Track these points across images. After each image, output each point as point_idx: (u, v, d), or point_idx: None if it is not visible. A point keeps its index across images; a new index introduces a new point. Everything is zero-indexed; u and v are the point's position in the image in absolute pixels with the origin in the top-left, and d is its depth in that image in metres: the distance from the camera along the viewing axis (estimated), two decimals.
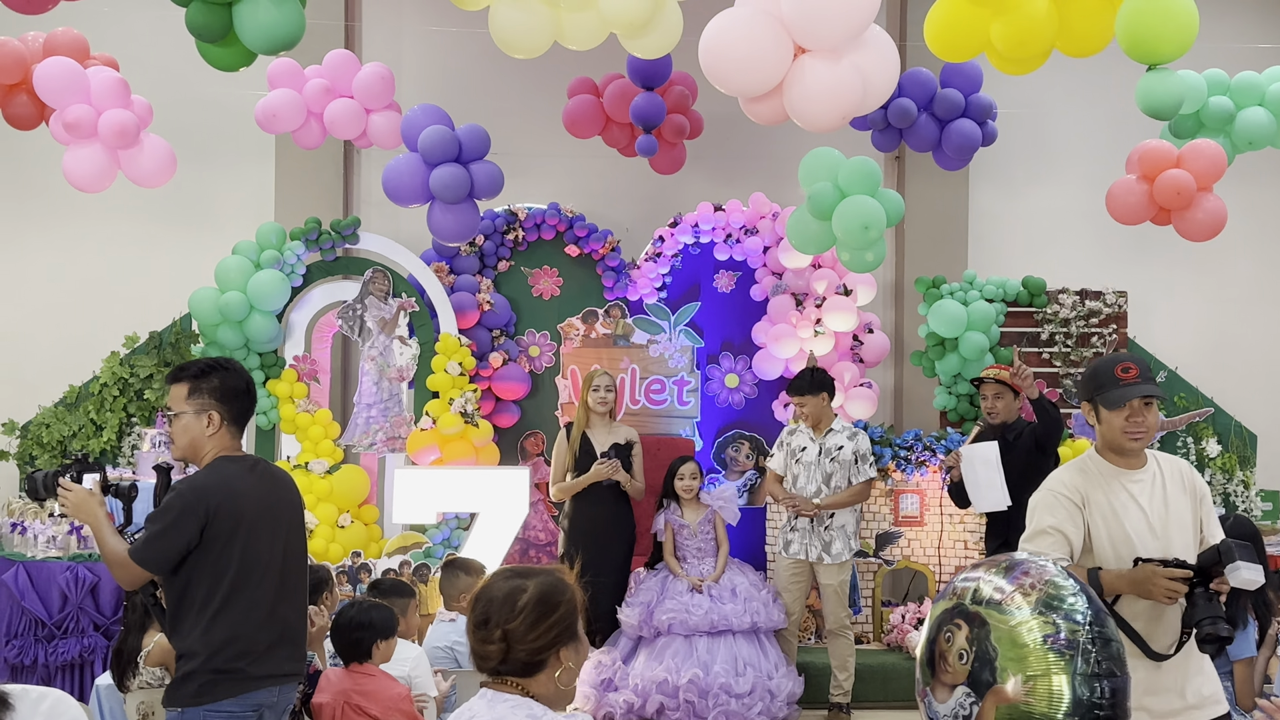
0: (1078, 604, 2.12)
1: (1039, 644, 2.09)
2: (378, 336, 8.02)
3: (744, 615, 6.74)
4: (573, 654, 2.71)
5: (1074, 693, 2.06)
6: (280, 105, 7.17)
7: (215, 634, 3.68)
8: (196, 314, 7.71)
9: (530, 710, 2.61)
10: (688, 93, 7.93)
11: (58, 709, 3.74)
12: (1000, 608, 2.14)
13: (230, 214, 8.62)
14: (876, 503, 7.80)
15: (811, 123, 5.17)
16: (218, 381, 3.80)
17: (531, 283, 8.47)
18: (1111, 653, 2.10)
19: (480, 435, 7.83)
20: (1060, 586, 2.15)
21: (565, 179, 8.84)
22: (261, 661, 3.74)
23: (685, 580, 6.88)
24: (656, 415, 8.45)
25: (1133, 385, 3.51)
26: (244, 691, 3.71)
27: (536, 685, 2.68)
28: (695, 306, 8.52)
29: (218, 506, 3.68)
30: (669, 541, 7.02)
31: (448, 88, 8.56)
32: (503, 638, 2.62)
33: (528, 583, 2.69)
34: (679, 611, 6.70)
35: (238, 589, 3.71)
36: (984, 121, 7.69)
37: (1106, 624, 2.12)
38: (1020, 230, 9.15)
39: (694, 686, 6.48)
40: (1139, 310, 8.70)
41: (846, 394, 8.23)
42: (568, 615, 2.70)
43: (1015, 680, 2.09)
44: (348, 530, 7.71)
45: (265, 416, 7.88)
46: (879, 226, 6.77)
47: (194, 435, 3.79)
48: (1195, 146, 6.86)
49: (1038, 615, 2.11)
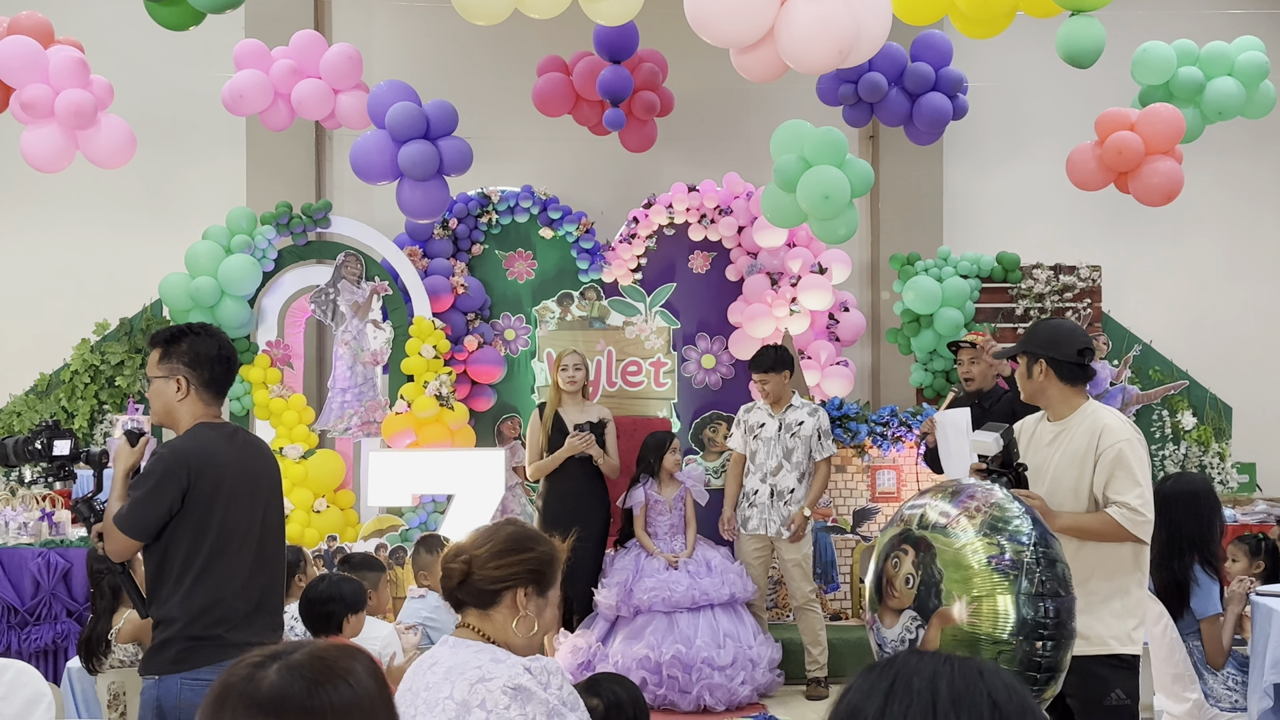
0: (1023, 526, 2.12)
1: (984, 565, 2.09)
2: (351, 321, 8.00)
3: (722, 588, 6.78)
4: (533, 605, 2.73)
5: (1018, 612, 2.06)
6: (247, 86, 7.15)
7: (194, 600, 3.64)
8: (167, 300, 7.68)
9: (494, 654, 2.62)
10: (657, 69, 7.92)
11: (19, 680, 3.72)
12: (946, 531, 2.14)
13: (201, 199, 8.58)
14: (854, 479, 7.80)
15: (806, 64, 5.14)
16: (187, 346, 3.76)
17: (506, 265, 8.45)
18: (1056, 573, 2.10)
19: (456, 418, 7.81)
20: (1005, 509, 2.15)
21: (538, 161, 8.82)
22: (240, 629, 3.70)
23: (660, 558, 6.88)
24: (633, 397, 8.44)
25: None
26: (222, 659, 3.62)
27: (493, 627, 2.69)
28: (671, 288, 8.51)
29: (199, 471, 3.64)
30: (641, 517, 7.03)
31: (418, 69, 8.52)
32: (466, 561, 2.70)
33: (510, 526, 2.81)
34: (660, 589, 6.71)
35: (217, 555, 3.67)
36: (955, 95, 7.69)
37: (1052, 545, 2.12)
38: (994, 206, 9.17)
39: (677, 662, 6.50)
40: (1113, 285, 8.72)
41: (823, 372, 8.23)
42: (535, 563, 2.73)
43: (960, 602, 2.09)
44: (324, 515, 7.69)
45: (239, 402, 7.85)
46: (840, 195, 6.76)
47: (166, 400, 3.76)
48: (1152, 110, 6.90)
49: (982, 537, 2.11)
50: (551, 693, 2.56)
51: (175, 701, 3.63)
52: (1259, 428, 8.87)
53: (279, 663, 1.56)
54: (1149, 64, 7.22)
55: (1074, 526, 3.64)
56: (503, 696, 2.50)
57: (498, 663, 2.59)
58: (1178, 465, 8.43)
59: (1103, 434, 3.86)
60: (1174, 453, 8.44)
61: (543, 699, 2.52)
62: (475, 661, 2.59)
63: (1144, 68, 7.26)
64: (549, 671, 2.60)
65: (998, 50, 8.41)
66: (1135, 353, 8.54)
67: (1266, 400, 9.08)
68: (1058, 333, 4.10)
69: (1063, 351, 3.99)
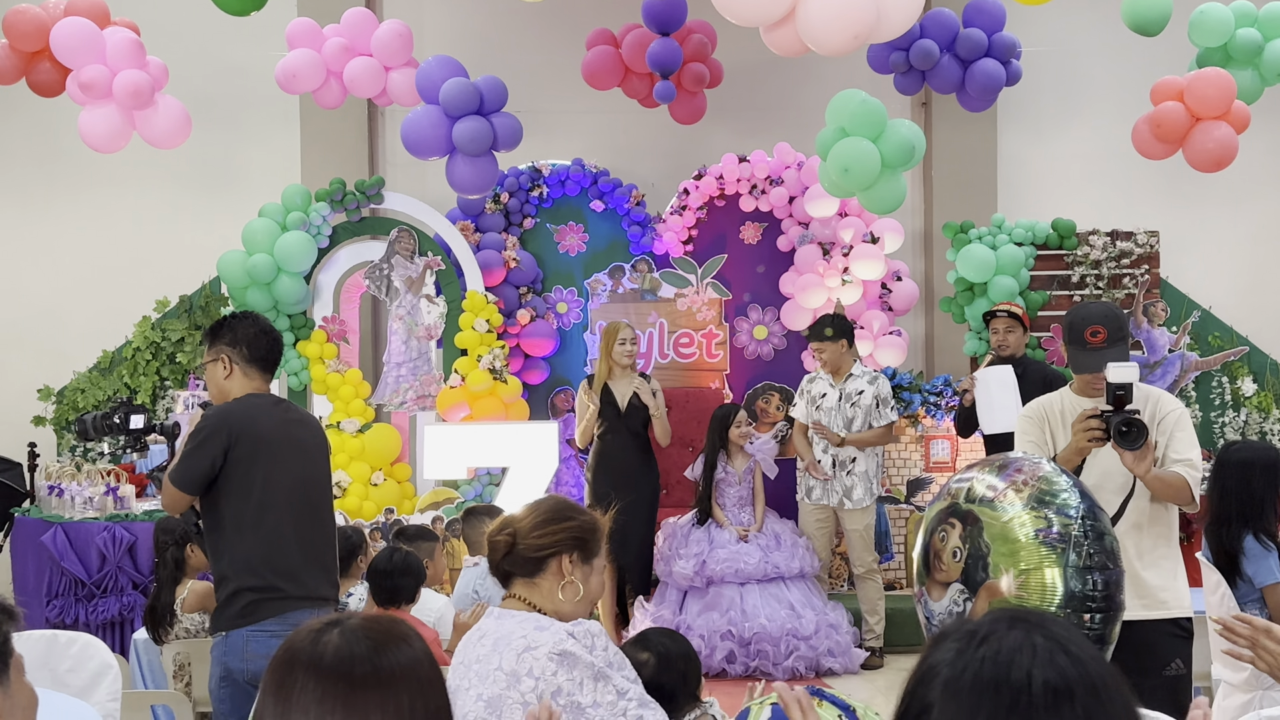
0: (1070, 499, 2.11)
1: (1031, 538, 2.08)
2: (405, 295, 8.06)
3: (793, 561, 6.86)
4: (579, 571, 2.78)
5: (1066, 585, 2.06)
6: (299, 65, 7.21)
7: (246, 554, 3.91)
8: (225, 277, 7.78)
9: (538, 622, 2.66)
10: (706, 40, 7.88)
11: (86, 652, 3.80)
12: (993, 505, 2.14)
13: (256, 177, 8.67)
14: (907, 449, 7.77)
15: (823, 45, 5.13)
16: (227, 329, 4.10)
17: (557, 239, 8.47)
18: (1104, 546, 2.09)
19: (509, 392, 7.86)
20: (1053, 482, 2.14)
21: (589, 135, 8.82)
22: (298, 581, 3.95)
23: (731, 530, 6.92)
24: (685, 369, 8.45)
25: (1098, 352, 3.67)
26: (284, 611, 3.90)
27: (540, 595, 2.75)
28: (722, 259, 8.48)
29: (240, 430, 3.91)
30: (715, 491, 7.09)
31: (468, 45, 8.54)
32: (511, 533, 2.79)
33: (552, 498, 2.95)
34: (732, 560, 6.80)
35: (264, 510, 3.92)
36: (1008, 61, 7.59)
37: (1100, 518, 2.11)
38: (1049, 172, 9.04)
39: (765, 636, 6.57)
40: (1171, 250, 8.57)
41: (876, 342, 8.19)
42: (578, 530, 2.82)
43: (1008, 575, 2.08)
44: (381, 488, 7.78)
45: (296, 378, 7.95)
46: (862, 169, 6.68)
47: (217, 381, 4.08)
48: (1201, 75, 6.78)
49: (1030, 510, 2.10)
50: (597, 655, 2.60)
51: (242, 654, 3.86)
52: None
53: (339, 628, 1.62)
54: (1206, 26, 7.08)
55: (1158, 478, 3.64)
56: (549, 663, 2.55)
57: (541, 630, 2.63)
58: (1237, 432, 8.31)
59: (1160, 400, 3.85)
60: (1234, 420, 8.33)
61: (588, 662, 2.56)
62: (520, 631, 2.65)
63: (1201, 30, 7.12)
64: (593, 634, 2.64)
65: (1051, 14, 8.28)
66: (1194, 319, 8.42)
67: None
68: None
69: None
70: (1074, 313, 3.82)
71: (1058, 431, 3.82)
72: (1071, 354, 3.77)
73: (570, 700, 2.52)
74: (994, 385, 6.38)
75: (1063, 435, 3.79)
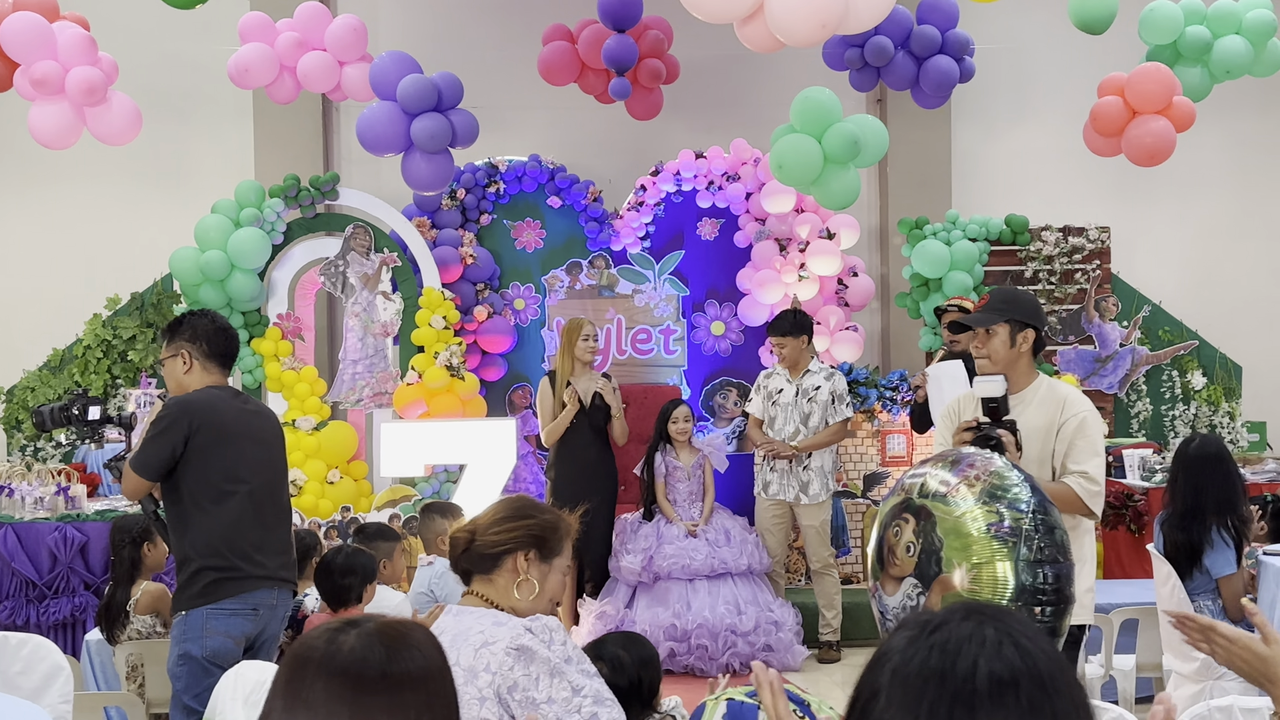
0: (1021, 494, 2.14)
1: (983, 533, 2.10)
2: (361, 292, 8.02)
3: (740, 558, 6.84)
4: (535, 570, 2.78)
5: (1017, 579, 2.08)
6: (252, 60, 7.14)
7: (210, 535, 4.05)
8: (177, 274, 7.71)
9: (495, 618, 2.67)
10: (663, 37, 7.89)
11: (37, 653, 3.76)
12: (946, 500, 2.16)
13: (209, 173, 8.60)
14: (863, 443, 7.82)
15: (792, 36, 5.14)
16: (185, 325, 4.24)
17: (514, 235, 8.46)
18: (1055, 540, 2.11)
19: (467, 389, 7.84)
20: (1004, 477, 2.16)
21: (545, 130, 8.81)
22: (256, 562, 4.10)
23: (680, 526, 6.92)
24: (643, 365, 8.46)
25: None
26: (243, 591, 4.06)
27: (496, 591, 2.75)
28: (679, 255, 8.51)
29: (202, 420, 4.07)
30: (662, 485, 7.06)
31: (423, 40, 8.51)
32: (470, 530, 2.81)
33: (517, 498, 2.96)
34: (679, 556, 6.79)
35: (225, 494, 4.08)
36: (961, 58, 7.65)
37: (1050, 512, 2.14)
38: (1002, 168, 9.13)
39: (704, 630, 6.56)
40: (1122, 245, 8.69)
41: (832, 337, 8.24)
42: (536, 528, 2.81)
43: (960, 569, 2.11)
44: (337, 486, 7.74)
45: (251, 375, 7.89)
46: (797, 166, 6.75)
47: (176, 376, 4.22)
48: (1142, 70, 6.89)
49: (982, 505, 2.12)
50: (554, 650, 2.61)
51: (201, 632, 3.99)
52: (1269, 387, 8.86)
53: (356, 630, 1.62)
54: (1156, 23, 7.17)
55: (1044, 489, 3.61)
56: (506, 658, 2.55)
57: (499, 625, 2.63)
58: (1188, 426, 8.43)
59: (1065, 404, 3.82)
60: (1184, 413, 8.44)
61: (545, 657, 2.57)
62: (478, 627, 2.65)
63: (1151, 27, 7.20)
64: (550, 630, 2.64)
65: (1004, 12, 8.38)
66: (1145, 313, 8.53)
67: (1276, 359, 9.07)
68: (1034, 303, 4.03)
69: (1042, 321, 3.95)
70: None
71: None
72: None
73: (525, 695, 2.53)
74: (945, 381, 6.41)
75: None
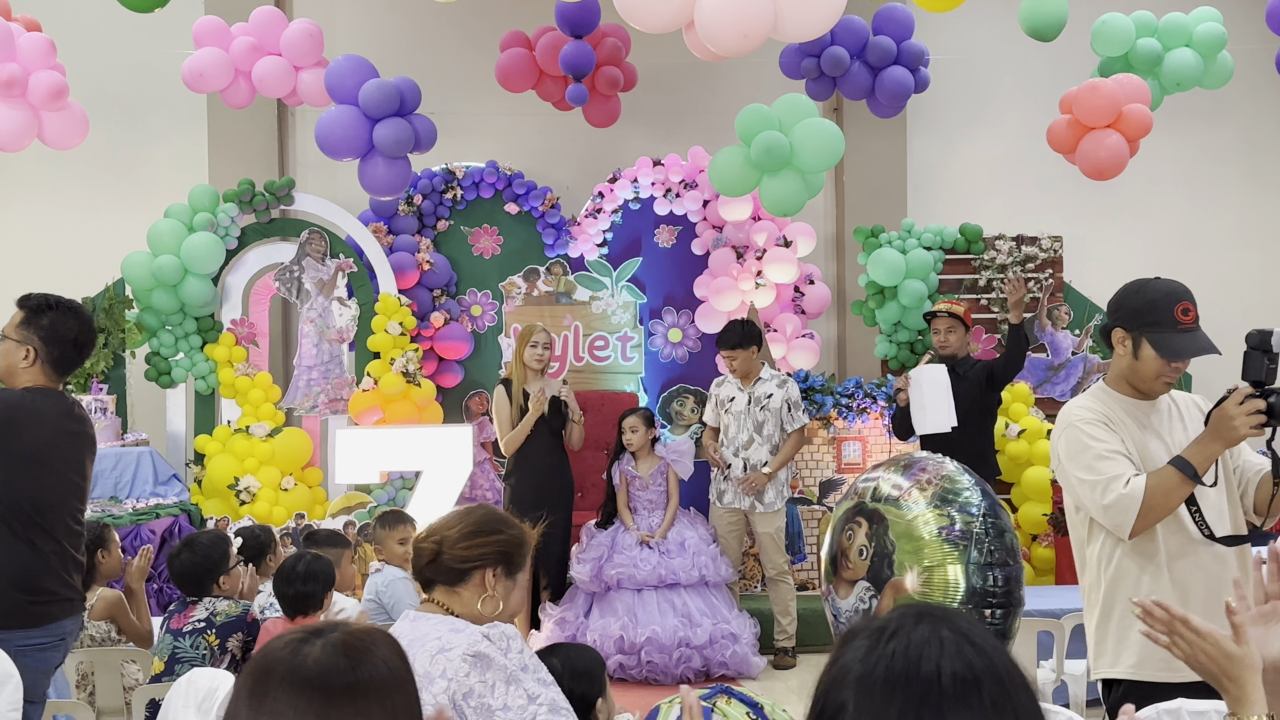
0: (972, 497, 2.17)
1: (934, 536, 2.13)
2: (316, 298, 7.99)
3: (692, 569, 6.79)
4: (501, 586, 2.77)
5: (968, 581, 2.11)
6: (207, 64, 7.11)
7: (17, 559, 3.78)
8: (130, 279, 7.66)
9: (452, 625, 2.66)
10: (620, 44, 7.92)
11: None
12: (898, 503, 2.19)
13: (163, 177, 8.54)
14: (819, 450, 7.86)
15: (719, 45, 5.19)
16: (48, 321, 3.91)
17: (471, 241, 8.45)
18: (1005, 543, 2.15)
19: (423, 395, 7.82)
20: (956, 481, 2.19)
21: (503, 137, 8.81)
22: (65, 586, 3.87)
23: (634, 535, 6.91)
24: (601, 372, 8.48)
25: (1192, 334, 3.20)
26: (50, 621, 3.83)
27: (459, 603, 2.75)
28: (637, 262, 8.53)
29: (23, 425, 3.81)
30: (623, 493, 7.06)
31: (380, 45, 8.49)
32: (437, 541, 2.77)
33: (481, 509, 2.89)
34: (627, 566, 6.76)
35: (38, 512, 3.81)
36: (917, 68, 7.73)
37: (1000, 515, 2.17)
38: (957, 178, 9.22)
39: (653, 645, 6.54)
40: (1074, 255, 8.80)
41: (789, 345, 8.28)
42: (504, 544, 2.80)
43: (912, 572, 2.13)
44: (291, 493, 7.70)
45: (204, 381, 7.84)
46: (731, 177, 6.91)
47: (11, 362, 3.92)
48: (1090, 85, 7.00)
49: (933, 509, 2.15)
50: (511, 658, 2.61)
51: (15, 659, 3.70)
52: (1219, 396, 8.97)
53: (321, 640, 1.60)
54: (1108, 35, 7.28)
55: None
56: (463, 665, 2.55)
57: (456, 632, 2.63)
58: None
59: (1197, 400, 3.44)
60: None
61: (501, 664, 2.57)
62: (435, 633, 2.64)
63: (1103, 39, 7.31)
64: (508, 637, 2.65)
65: (959, 23, 8.47)
66: (1097, 322, 8.63)
67: (1226, 369, 9.09)
68: (1140, 296, 3.40)
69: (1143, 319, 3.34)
70: (1144, 290, 3.27)
71: (1123, 425, 3.23)
72: (1154, 338, 3.17)
73: (481, 702, 2.53)
74: (926, 385, 6.40)
75: (1130, 424, 3.23)
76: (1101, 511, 3.04)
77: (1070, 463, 3.14)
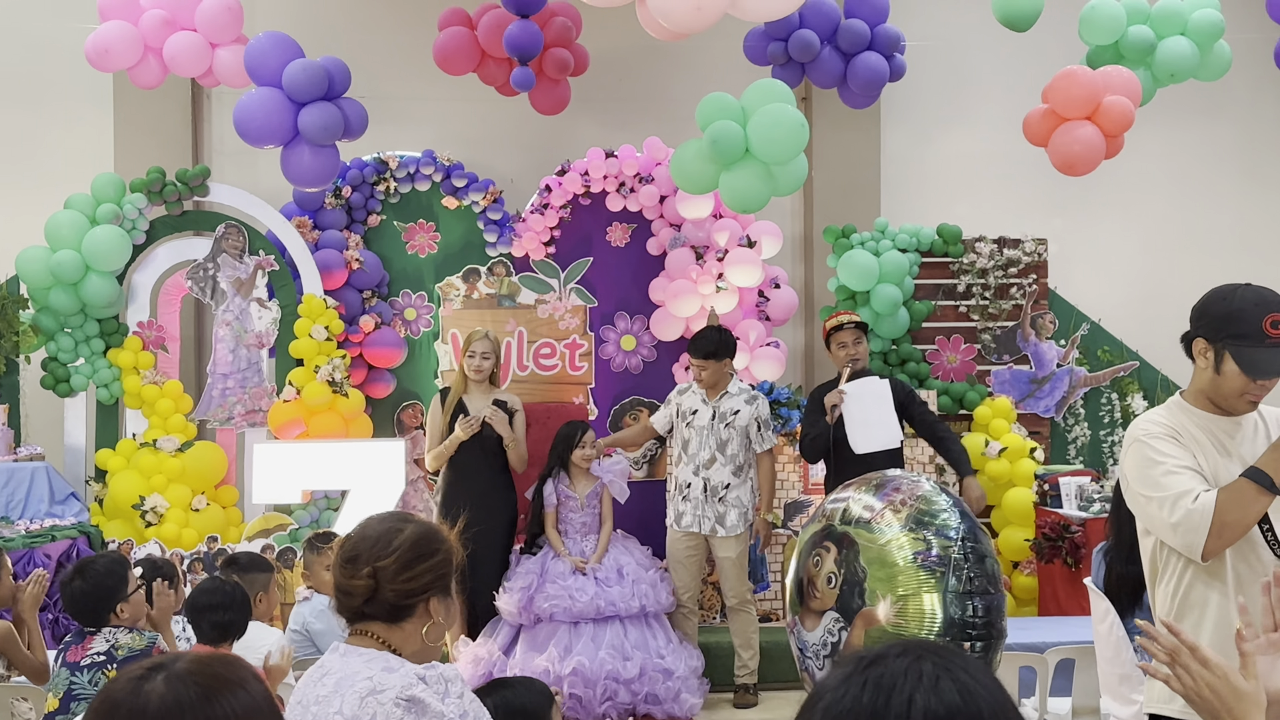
0: (950, 519, 2.17)
1: (909, 561, 2.13)
2: (233, 299, 7.92)
3: (631, 599, 6.77)
4: (443, 609, 2.74)
5: (946, 612, 2.11)
6: (113, 39, 7.04)
7: None
8: (25, 276, 7.57)
9: (386, 662, 2.62)
10: (570, 24, 7.91)
11: None
12: (870, 526, 2.18)
13: (63, 164, 8.44)
14: (785, 469, 7.88)
15: (671, 20, 5.20)
16: None
17: (405, 238, 8.41)
18: (986, 569, 2.15)
19: (351, 406, 7.77)
20: (932, 502, 2.19)
21: (441, 124, 8.79)
22: None
23: (567, 561, 6.87)
24: (547, 382, 8.43)
25: None
26: None
27: (401, 637, 2.70)
28: (587, 263, 8.50)
29: None
30: (552, 515, 7.02)
31: (305, 21, 8.43)
32: (371, 574, 2.67)
33: (406, 525, 2.76)
34: (562, 597, 6.70)
35: None
36: (891, 55, 7.78)
37: (981, 539, 2.17)
38: (935, 174, 9.28)
39: (579, 678, 6.48)
40: (1060, 259, 8.88)
41: (753, 354, 8.29)
42: (443, 565, 2.75)
43: (885, 602, 2.13)
44: (203, 513, 7.63)
45: (107, 389, 7.75)
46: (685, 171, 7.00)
47: None
48: (1067, 73, 7.07)
49: (908, 532, 2.15)
50: (450, 703, 2.58)
51: None
52: None
53: (164, 673, 1.56)
54: (1097, 22, 7.35)
55: None
56: (395, 709, 2.51)
57: (390, 672, 2.59)
58: None
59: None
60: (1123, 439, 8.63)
61: (438, 710, 2.53)
62: (366, 672, 2.60)
63: (1092, 26, 7.38)
64: (446, 679, 2.61)
65: (937, 7, 8.53)
66: (1083, 332, 8.72)
67: None
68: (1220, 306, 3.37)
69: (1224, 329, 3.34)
70: (1233, 298, 3.21)
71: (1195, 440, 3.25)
72: (1239, 352, 3.14)
73: None
74: (869, 400, 6.47)
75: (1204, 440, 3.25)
76: (1170, 530, 3.03)
77: (1137, 481, 3.16)
